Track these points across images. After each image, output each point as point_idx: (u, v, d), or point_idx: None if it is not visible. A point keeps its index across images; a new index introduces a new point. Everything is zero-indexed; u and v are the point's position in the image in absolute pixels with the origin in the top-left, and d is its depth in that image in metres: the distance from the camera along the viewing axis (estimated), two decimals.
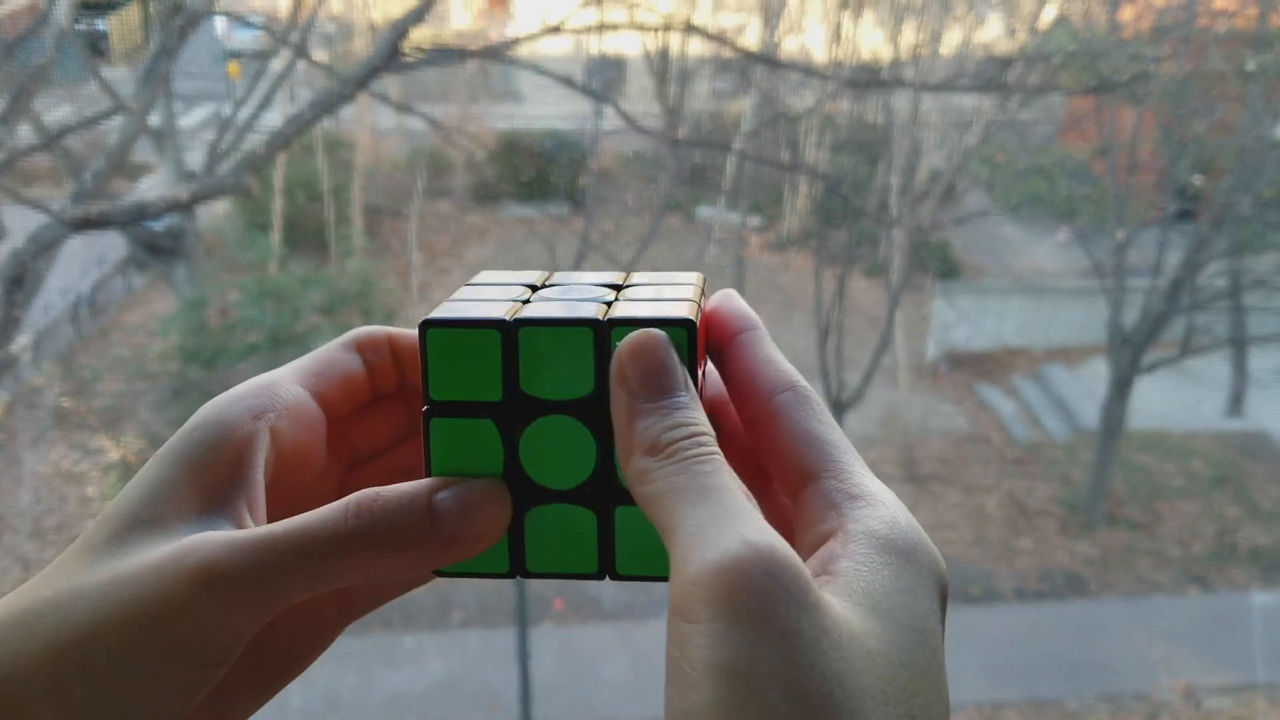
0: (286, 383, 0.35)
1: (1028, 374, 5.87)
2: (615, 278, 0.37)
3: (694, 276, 0.37)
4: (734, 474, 0.30)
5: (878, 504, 0.31)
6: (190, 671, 0.30)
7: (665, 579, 0.32)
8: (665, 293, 0.35)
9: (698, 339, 0.33)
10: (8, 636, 0.30)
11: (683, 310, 0.33)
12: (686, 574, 0.27)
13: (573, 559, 0.34)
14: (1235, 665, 4.14)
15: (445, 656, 4.14)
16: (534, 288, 0.36)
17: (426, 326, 0.33)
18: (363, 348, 0.38)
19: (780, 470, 0.33)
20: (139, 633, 0.29)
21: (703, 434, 0.31)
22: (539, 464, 0.33)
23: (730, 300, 0.37)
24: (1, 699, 0.29)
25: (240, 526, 0.32)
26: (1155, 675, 4.07)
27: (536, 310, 0.33)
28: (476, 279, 0.38)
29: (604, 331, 0.32)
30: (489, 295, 0.35)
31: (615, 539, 0.34)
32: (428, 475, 0.33)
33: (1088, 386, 5.46)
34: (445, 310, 0.34)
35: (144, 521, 0.31)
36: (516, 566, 0.34)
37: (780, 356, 0.35)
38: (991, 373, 5.90)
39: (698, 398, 0.32)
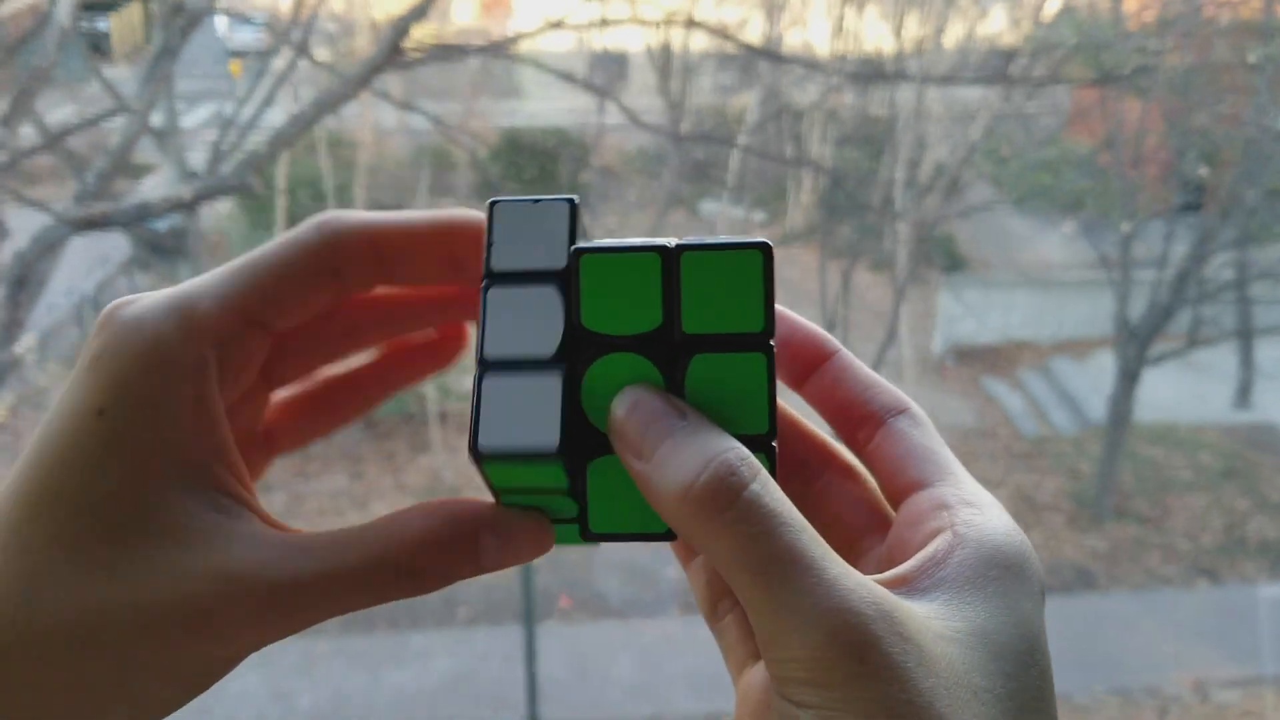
0: (226, 310, 0.31)
1: (1034, 367, 5.86)
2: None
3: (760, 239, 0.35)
4: (778, 502, 0.28)
5: (990, 511, 0.31)
6: (211, 677, 0.31)
7: (649, 537, 0.31)
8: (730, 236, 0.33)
9: (773, 264, 0.31)
10: (11, 660, 0.28)
11: (755, 238, 0.31)
12: (780, 672, 0.27)
13: (640, 517, 0.31)
14: (1245, 659, 4.13)
15: (452, 654, 4.14)
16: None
17: (489, 286, 0.31)
18: (343, 258, 0.33)
19: (894, 483, 0.33)
20: (174, 658, 0.29)
21: (732, 472, 0.28)
22: (600, 407, 0.30)
23: (802, 322, 0.35)
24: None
25: (235, 499, 0.30)
26: (1165, 669, 4.06)
27: (602, 242, 0.31)
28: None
29: (672, 258, 0.30)
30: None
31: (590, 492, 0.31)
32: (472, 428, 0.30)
33: (1094, 380, 5.45)
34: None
35: (138, 518, 0.29)
36: (583, 529, 0.31)
37: (879, 377, 0.35)
38: (998, 366, 5.89)
39: (698, 414, 0.30)
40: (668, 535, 0.31)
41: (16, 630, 0.28)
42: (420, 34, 3.38)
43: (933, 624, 0.27)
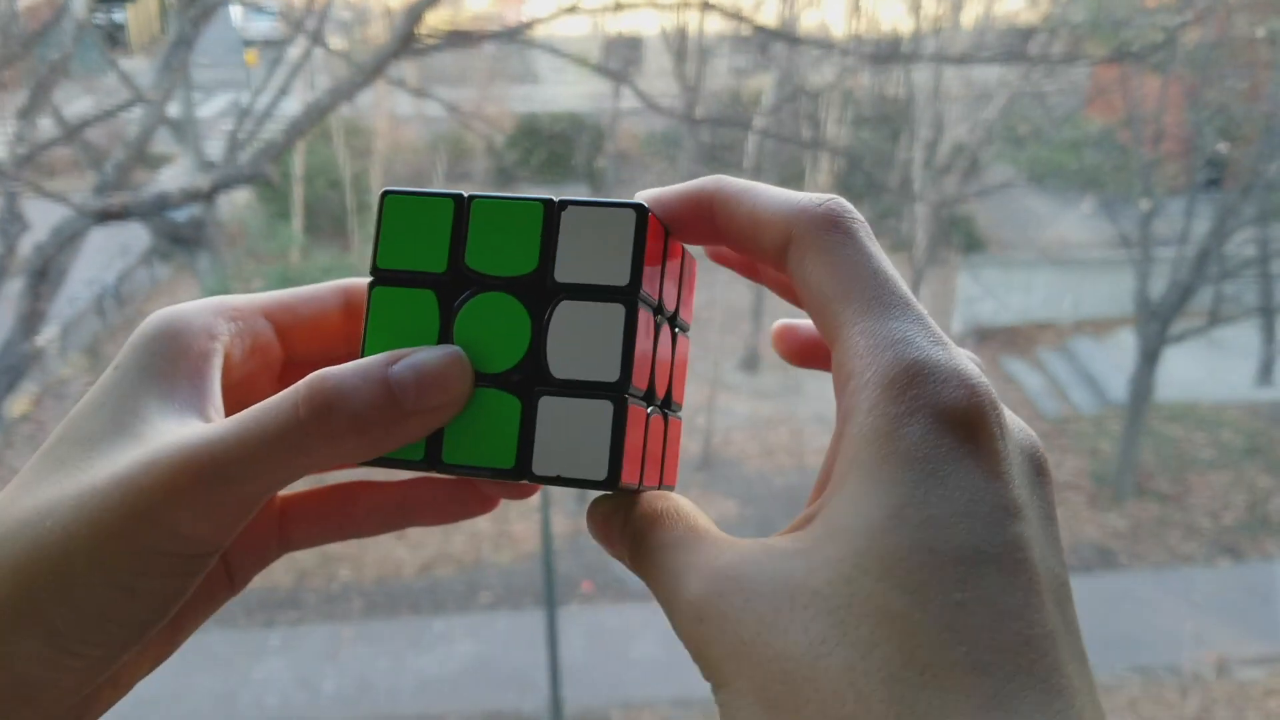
0: (252, 309, 0.34)
1: (1054, 347, 5.84)
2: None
3: None
4: (654, 535, 0.31)
5: (866, 382, 0.27)
6: (166, 581, 0.29)
7: (588, 485, 0.32)
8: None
9: (648, 228, 0.32)
10: None
11: (637, 198, 0.33)
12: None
13: (491, 452, 0.32)
14: (1267, 636, 4.12)
15: (475, 638, 4.16)
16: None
17: (385, 195, 0.33)
18: (353, 296, 0.36)
19: (819, 324, 0.30)
20: (112, 544, 0.28)
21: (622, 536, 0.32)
22: (472, 344, 0.32)
23: (670, 190, 0.33)
24: None
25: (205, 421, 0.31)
26: (1187, 647, 4.05)
27: (493, 192, 0.33)
28: None
29: (554, 208, 0.32)
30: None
31: (535, 433, 0.32)
32: (363, 350, 0.32)
33: (1115, 358, 5.42)
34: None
35: (110, 431, 0.30)
36: (432, 457, 0.32)
37: (767, 198, 0.31)
38: (1017, 346, 5.87)
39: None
40: (514, 472, 0.32)
41: None
42: (434, 20, 3.38)
43: (772, 547, 0.27)
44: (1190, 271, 4.70)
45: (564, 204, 0.32)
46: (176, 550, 0.29)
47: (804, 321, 0.34)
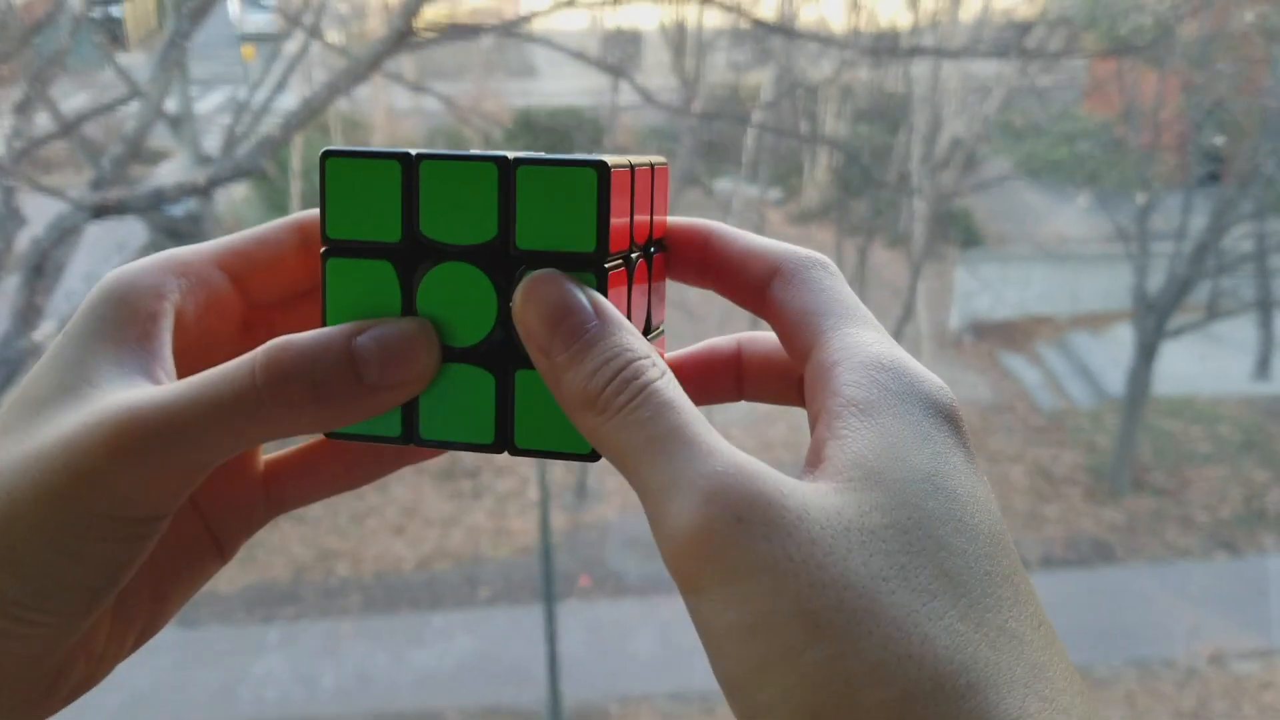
0: (202, 261, 0.33)
1: (1052, 341, 5.84)
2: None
3: (658, 159, 0.34)
4: (677, 394, 0.28)
5: (850, 364, 0.29)
6: (113, 546, 0.28)
7: (570, 456, 0.31)
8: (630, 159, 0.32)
9: (610, 188, 0.30)
10: None
11: (595, 156, 0.30)
12: (669, 548, 0.26)
13: (468, 428, 0.31)
14: (1264, 630, 4.12)
15: (473, 633, 4.17)
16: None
17: (326, 156, 0.31)
18: (308, 230, 0.34)
19: (795, 362, 0.32)
20: (55, 508, 0.27)
21: (630, 363, 0.28)
22: (437, 316, 0.31)
23: (680, 221, 0.35)
24: None
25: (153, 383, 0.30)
26: (1183, 641, 4.06)
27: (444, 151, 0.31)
28: None
29: (508, 169, 0.30)
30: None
31: (515, 407, 0.31)
32: (323, 324, 0.31)
33: (1113, 353, 5.43)
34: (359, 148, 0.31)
35: (57, 394, 0.29)
36: (409, 432, 0.32)
37: (757, 239, 0.33)
38: (1015, 341, 5.88)
39: (613, 313, 0.29)
40: (494, 447, 0.32)
41: None
42: (432, 14, 3.38)
43: (815, 488, 0.26)
44: (1188, 266, 4.70)
45: (518, 162, 0.30)
46: (120, 514, 0.28)
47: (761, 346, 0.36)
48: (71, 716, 0.32)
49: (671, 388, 0.28)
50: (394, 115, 5.79)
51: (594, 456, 0.31)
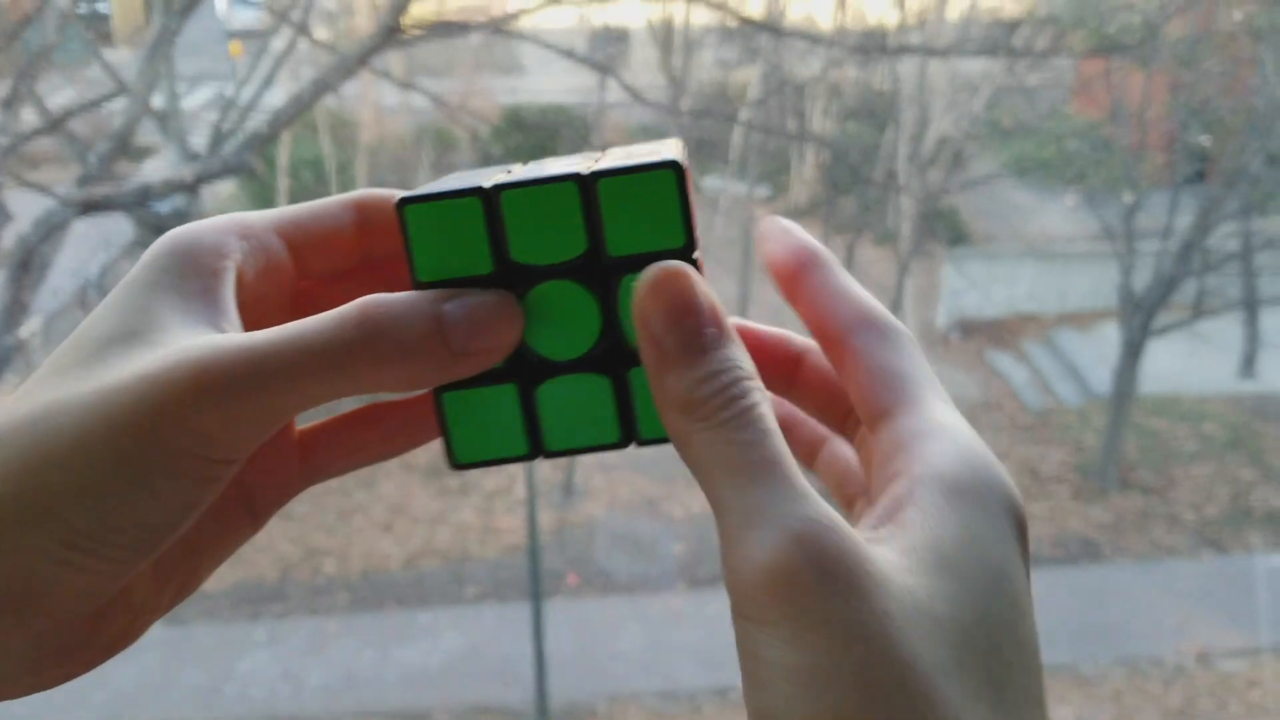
0: (263, 226, 0.34)
1: (1039, 340, 5.86)
2: (590, 156, 0.36)
3: (673, 141, 0.35)
4: (777, 432, 0.28)
5: (946, 440, 0.30)
6: (186, 485, 0.28)
7: None
8: (645, 150, 0.33)
9: (689, 182, 0.31)
10: None
11: (668, 152, 0.31)
12: (740, 574, 0.26)
13: (593, 431, 0.32)
14: (1250, 628, 4.14)
15: (461, 631, 4.16)
16: (509, 171, 0.34)
17: (403, 204, 0.31)
18: (365, 208, 0.35)
19: (862, 412, 0.32)
20: (131, 443, 0.27)
21: (740, 380, 0.29)
22: (542, 335, 0.32)
23: (790, 233, 0.35)
24: None
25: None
26: (1170, 639, 4.08)
27: (516, 176, 0.32)
28: (446, 176, 0.35)
29: (588, 185, 0.31)
30: (465, 178, 0.33)
31: (634, 403, 0.32)
32: (413, 284, 0.32)
33: (1099, 351, 5.45)
34: (422, 189, 0.32)
35: (122, 337, 0.29)
36: (535, 447, 0.33)
37: (856, 287, 0.34)
38: (1002, 339, 5.89)
39: (729, 324, 0.30)
40: (621, 443, 0.32)
41: None
42: (420, 11, 3.37)
43: (892, 558, 0.27)
44: (1174, 264, 4.72)
45: (595, 176, 0.31)
46: (199, 453, 0.28)
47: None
48: (60, 713, 0.32)
49: (772, 417, 0.28)
50: (382, 112, 5.78)
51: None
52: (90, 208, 2.86)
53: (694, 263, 0.31)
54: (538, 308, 0.32)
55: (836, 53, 5.31)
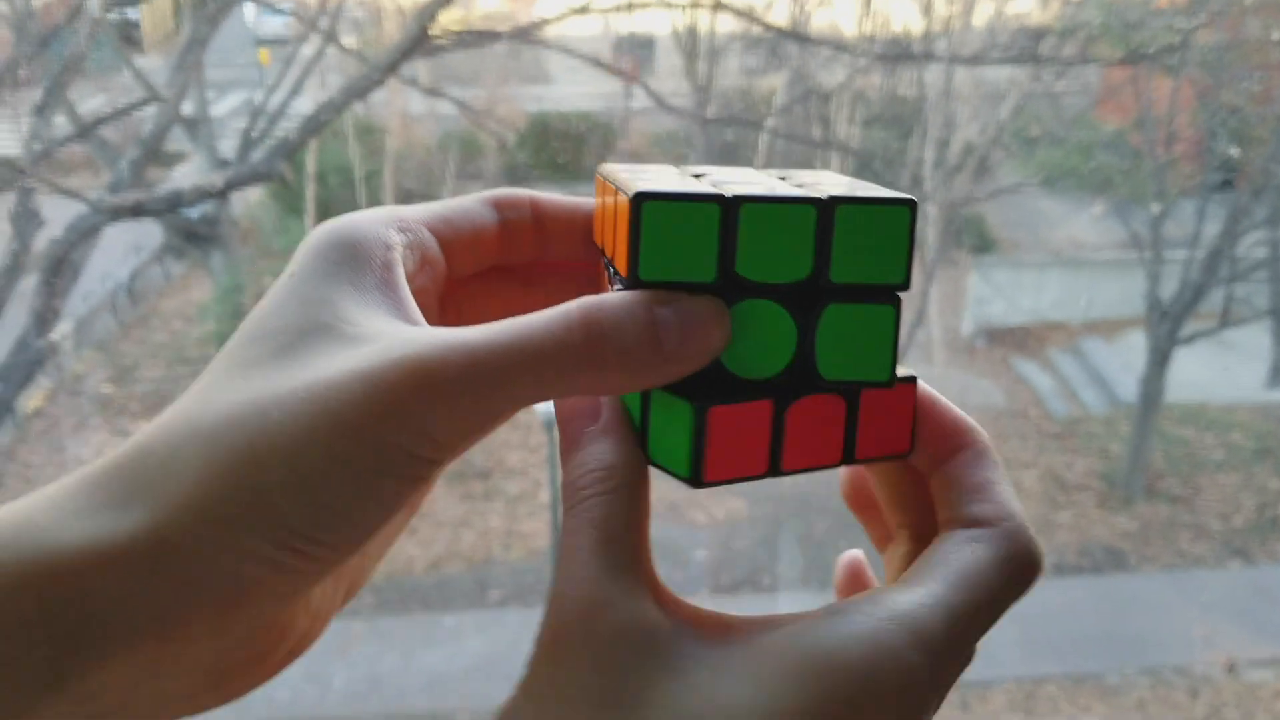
0: (419, 222, 0.33)
1: (1065, 348, 5.83)
2: (761, 171, 0.36)
3: (832, 171, 0.36)
4: (607, 520, 0.31)
5: (1005, 533, 0.36)
6: (399, 482, 0.28)
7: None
8: (859, 188, 0.33)
9: (916, 220, 0.32)
10: (182, 454, 0.27)
11: (901, 192, 0.32)
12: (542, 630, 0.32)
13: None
14: (1277, 638, 4.11)
15: (484, 635, 4.17)
16: (696, 176, 0.34)
17: (641, 200, 0.31)
18: (502, 206, 0.35)
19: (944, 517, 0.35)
20: (353, 439, 0.27)
21: (589, 473, 0.31)
22: (734, 352, 0.31)
23: (938, 404, 0.37)
24: (195, 520, 0.26)
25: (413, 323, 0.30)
26: (1196, 649, 4.05)
27: (753, 189, 0.31)
28: (615, 167, 0.36)
29: (828, 209, 0.31)
30: (659, 180, 0.33)
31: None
32: (628, 276, 0.32)
33: (1126, 359, 5.41)
34: (653, 185, 0.31)
35: (313, 330, 0.29)
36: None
37: (947, 405, 0.36)
38: (1028, 347, 5.86)
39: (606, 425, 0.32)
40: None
41: (190, 426, 0.27)
42: (447, 20, 3.39)
43: (695, 648, 0.32)
44: (1201, 273, 4.69)
45: (836, 202, 0.31)
46: (417, 452, 0.28)
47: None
48: None
49: (619, 505, 0.32)
50: (408, 119, 5.80)
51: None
52: (121, 213, 2.89)
53: (899, 301, 0.33)
54: (739, 324, 0.32)
55: (862, 60, 5.30)
